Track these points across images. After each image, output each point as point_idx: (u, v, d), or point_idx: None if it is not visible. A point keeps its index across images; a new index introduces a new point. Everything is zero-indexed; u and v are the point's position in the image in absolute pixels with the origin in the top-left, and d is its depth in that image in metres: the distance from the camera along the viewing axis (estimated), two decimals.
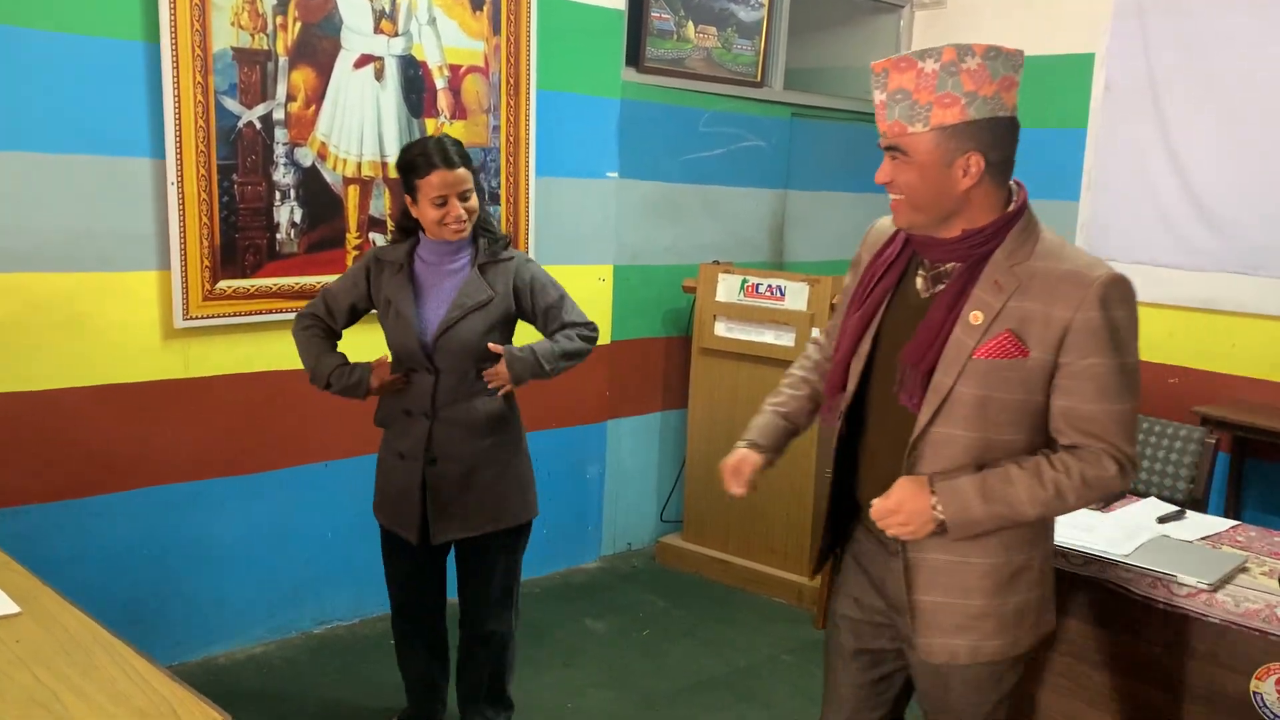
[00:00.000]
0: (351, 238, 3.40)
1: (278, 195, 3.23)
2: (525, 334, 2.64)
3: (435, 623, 2.83)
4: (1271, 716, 2.09)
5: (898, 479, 1.79)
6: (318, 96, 3.28)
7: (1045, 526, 1.90)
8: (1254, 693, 2.12)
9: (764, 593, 4.04)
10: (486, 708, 2.83)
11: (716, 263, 4.21)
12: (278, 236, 3.25)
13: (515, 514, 2.69)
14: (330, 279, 3.33)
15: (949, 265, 1.79)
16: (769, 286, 3.99)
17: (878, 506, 1.79)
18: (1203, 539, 2.52)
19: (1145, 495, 3.15)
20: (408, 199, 2.55)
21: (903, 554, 1.85)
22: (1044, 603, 1.90)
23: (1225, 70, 4.05)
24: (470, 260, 2.61)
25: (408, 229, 2.62)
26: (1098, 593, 2.37)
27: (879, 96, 1.73)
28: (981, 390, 1.73)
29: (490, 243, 2.62)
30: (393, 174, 3.45)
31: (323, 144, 3.31)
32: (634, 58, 4.10)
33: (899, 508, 1.77)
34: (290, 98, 3.22)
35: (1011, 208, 1.76)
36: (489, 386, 2.57)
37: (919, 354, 1.76)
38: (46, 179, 2.87)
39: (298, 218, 3.28)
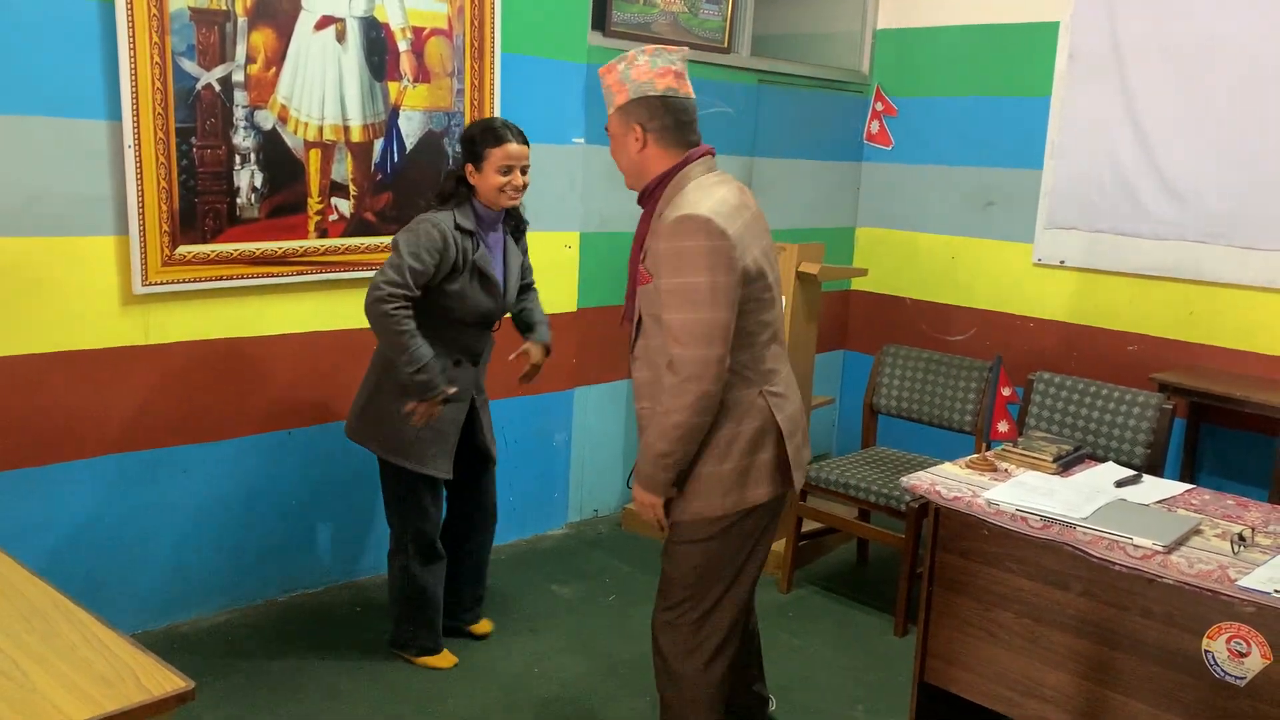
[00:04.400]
0: (313, 202, 3.36)
1: (238, 159, 3.18)
2: None
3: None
4: (1223, 674, 2.15)
5: None
6: (278, 58, 3.22)
7: (724, 428, 2.26)
8: (1206, 651, 2.18)
9: None
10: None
11: None
12: (238, 201, 3.20)
13: None
14: (292, 245, 3.32)
15: None
16: None
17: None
18: (1158, 502, 2.57)
19: (1104, 460, 3.20)
20: (468, 166, 2.87)
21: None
22: (736, 477, 2.27)
23: (1189, 40, 4.07)
24: (504, 230, 3.02)
25: (450, 195, 2.88)
26: (1056, 555, 2.42)
27: (603, 93, 2.30)
28: (648, 310, 2.27)
29: (518, 219, 3.07)
30: (355, 138, 3.41)
31: (283, 107, 3.25)
32: (600, 21, 4.06)
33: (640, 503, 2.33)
34: (250, 59, 3.16)
35: (666, 169, 2.26)
36: None
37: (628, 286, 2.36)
38: None
39: (258, 182, 3.23)
